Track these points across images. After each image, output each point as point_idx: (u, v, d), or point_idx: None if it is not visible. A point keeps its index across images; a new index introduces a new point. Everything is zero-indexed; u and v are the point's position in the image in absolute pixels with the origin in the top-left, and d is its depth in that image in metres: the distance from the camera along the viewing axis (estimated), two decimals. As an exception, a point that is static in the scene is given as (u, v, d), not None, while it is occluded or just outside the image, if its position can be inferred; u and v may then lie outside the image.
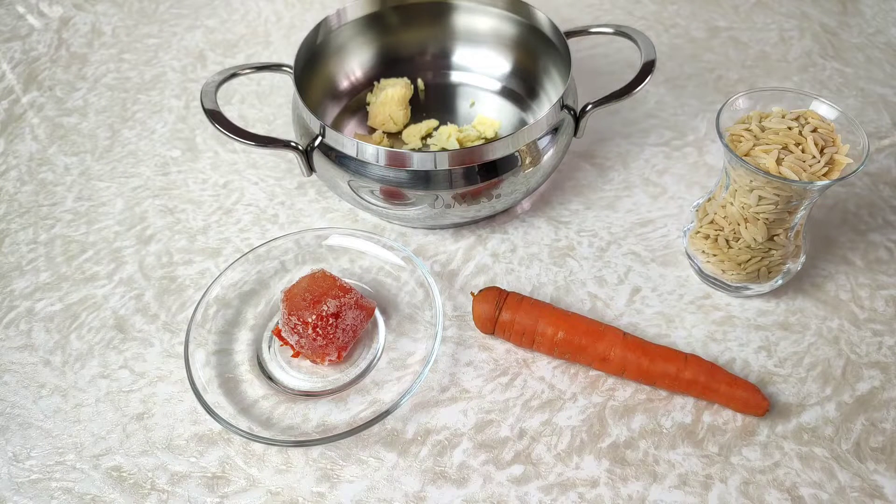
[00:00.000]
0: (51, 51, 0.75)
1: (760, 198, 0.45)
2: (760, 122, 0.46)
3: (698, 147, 0.63)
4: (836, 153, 0.44)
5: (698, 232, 0.51)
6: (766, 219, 0.46)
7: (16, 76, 0.72)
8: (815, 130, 0.44)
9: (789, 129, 0.45)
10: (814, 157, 0.43)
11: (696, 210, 0.51)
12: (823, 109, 0.46)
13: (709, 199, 0.50)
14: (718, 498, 0.42)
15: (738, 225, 0.47)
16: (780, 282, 0.50)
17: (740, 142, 0.45)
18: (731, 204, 0.47)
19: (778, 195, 0.44)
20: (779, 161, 0.43)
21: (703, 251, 0.50)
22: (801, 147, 0.44)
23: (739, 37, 0.74)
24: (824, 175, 0.43)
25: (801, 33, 0.74)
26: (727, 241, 0.49)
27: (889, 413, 0.45)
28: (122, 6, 0.81)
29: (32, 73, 0.73)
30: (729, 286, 0.51)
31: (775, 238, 0.47)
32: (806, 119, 0.45)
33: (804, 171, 0.43)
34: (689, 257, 0.52)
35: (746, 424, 0.45)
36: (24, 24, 0.79)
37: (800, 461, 0.43)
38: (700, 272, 0.52)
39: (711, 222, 0.50)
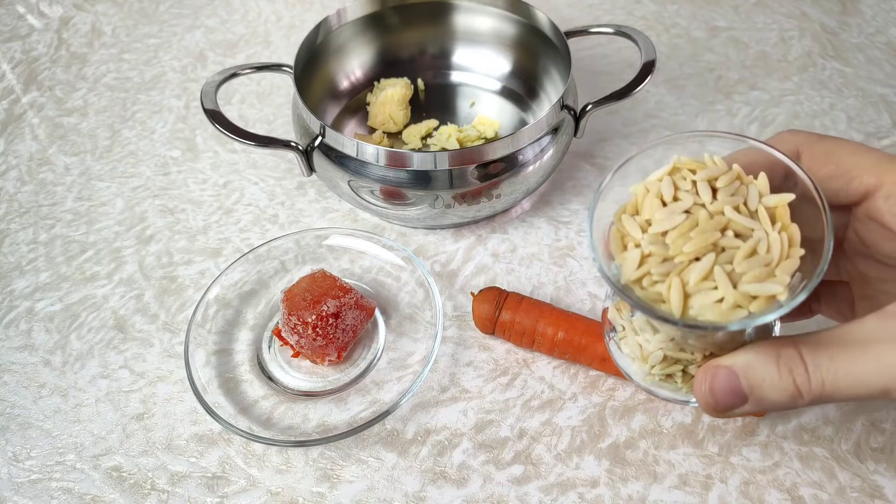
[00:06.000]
0: (51, 51, 0.75)
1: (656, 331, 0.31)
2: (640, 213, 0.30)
3: (698, 147, 0.63)
4: (768, 203, 0.28)
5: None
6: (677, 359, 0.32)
7: (16, 76, 0.72)
8: (734, 194, 0.28)
9: (687, 212, 0.28)
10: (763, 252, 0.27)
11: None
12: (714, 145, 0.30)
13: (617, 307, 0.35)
14: (718, 498, 0.42)
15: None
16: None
17: (624, 252, 0.29)
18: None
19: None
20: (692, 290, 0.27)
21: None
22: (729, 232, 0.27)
23: (739, 37, 0.74)
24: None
25: (801, 33, 0.74)
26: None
27: (889, 413, 0.45)
28: (122, 6, 0.81)
29: (32, 73, 0.73)
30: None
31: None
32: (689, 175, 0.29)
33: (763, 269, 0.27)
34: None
35: (746, 424, 0.45)
36: (24, 24, 0.79)
37: (800, 461, 0.43)
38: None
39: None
